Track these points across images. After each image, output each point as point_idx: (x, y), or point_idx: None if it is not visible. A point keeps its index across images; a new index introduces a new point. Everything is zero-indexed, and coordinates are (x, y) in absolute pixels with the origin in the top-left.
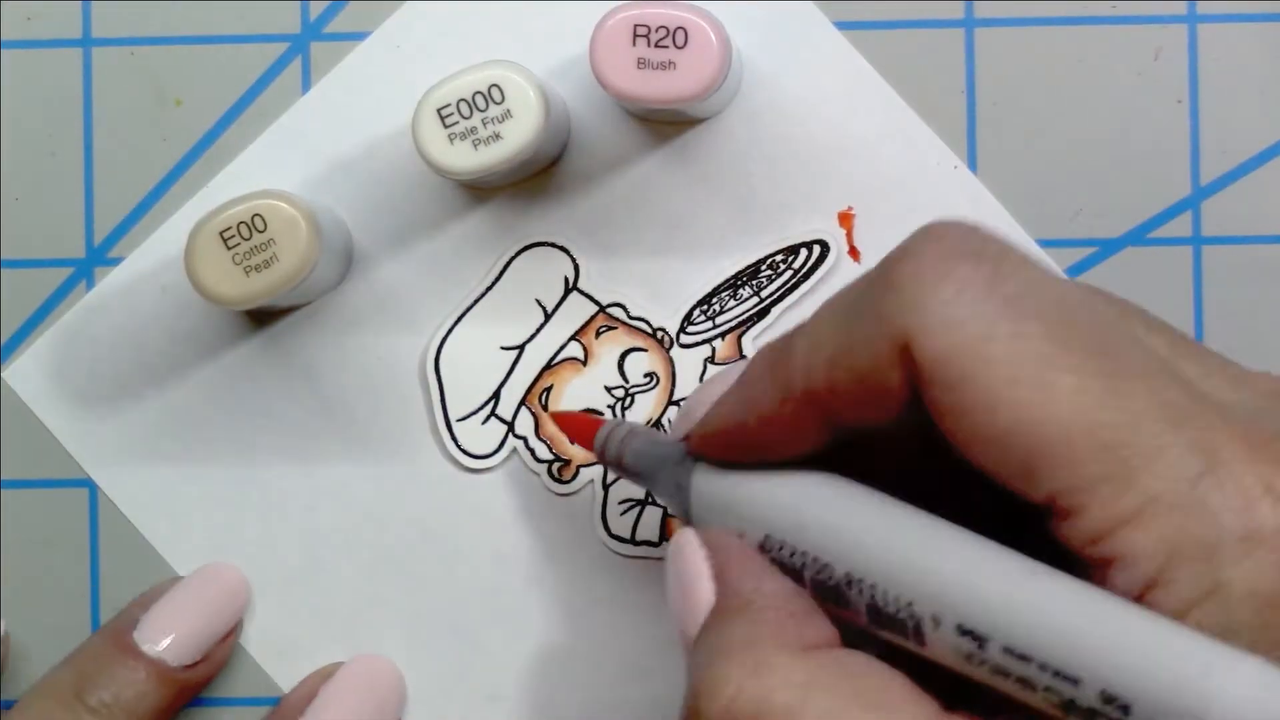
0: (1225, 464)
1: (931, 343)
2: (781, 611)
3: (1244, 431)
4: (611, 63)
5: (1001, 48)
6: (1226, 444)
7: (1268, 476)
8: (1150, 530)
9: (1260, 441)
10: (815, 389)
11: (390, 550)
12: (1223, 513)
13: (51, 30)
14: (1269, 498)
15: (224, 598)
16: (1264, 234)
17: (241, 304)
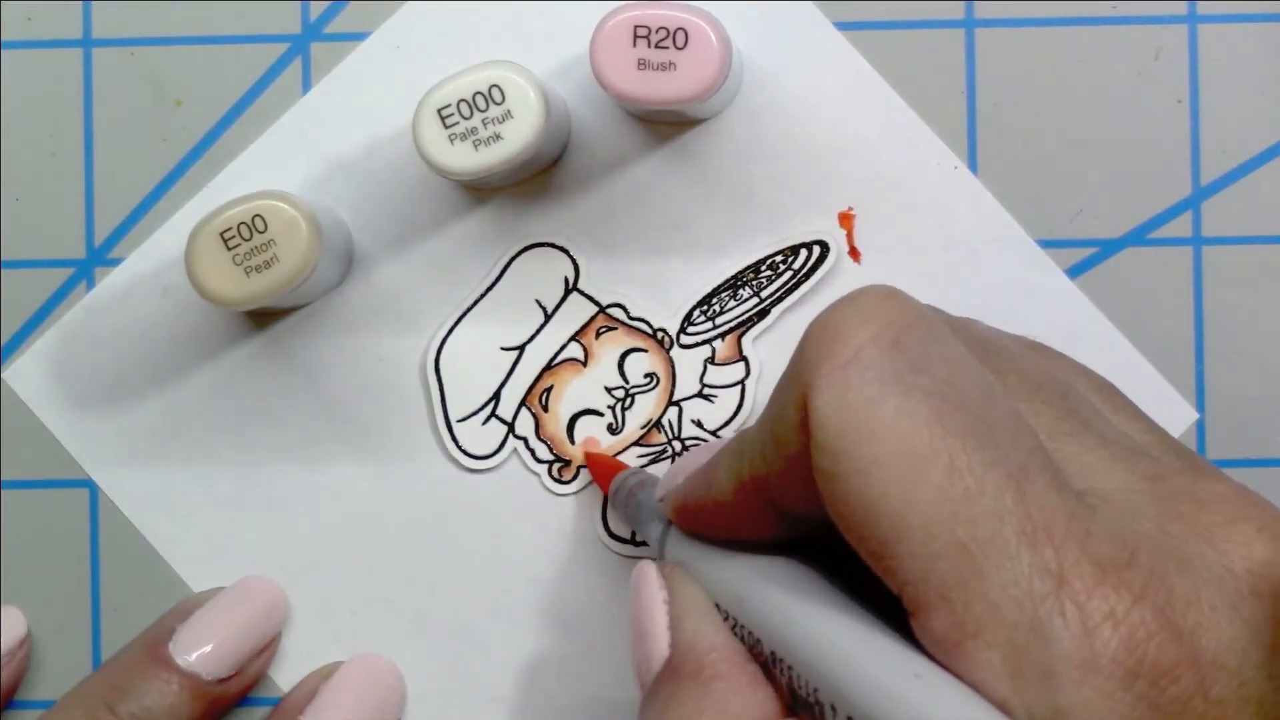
0: (1071, 588)
1: (821, 402)
2: (729, 682)
3: (1097, 550)
4: (611, 63)
5: (1001, 48)
6: (1075, 567)
7: (1112, 602)
8: (994, 649)
9: (1111, 562)
10: (757, 472)
11: (390, 550)
12: (1063, 638)
13: (51, 30)
14: (1109, 624)
15: (262, 612)
16: (1264, 234)
17: (242, 305)
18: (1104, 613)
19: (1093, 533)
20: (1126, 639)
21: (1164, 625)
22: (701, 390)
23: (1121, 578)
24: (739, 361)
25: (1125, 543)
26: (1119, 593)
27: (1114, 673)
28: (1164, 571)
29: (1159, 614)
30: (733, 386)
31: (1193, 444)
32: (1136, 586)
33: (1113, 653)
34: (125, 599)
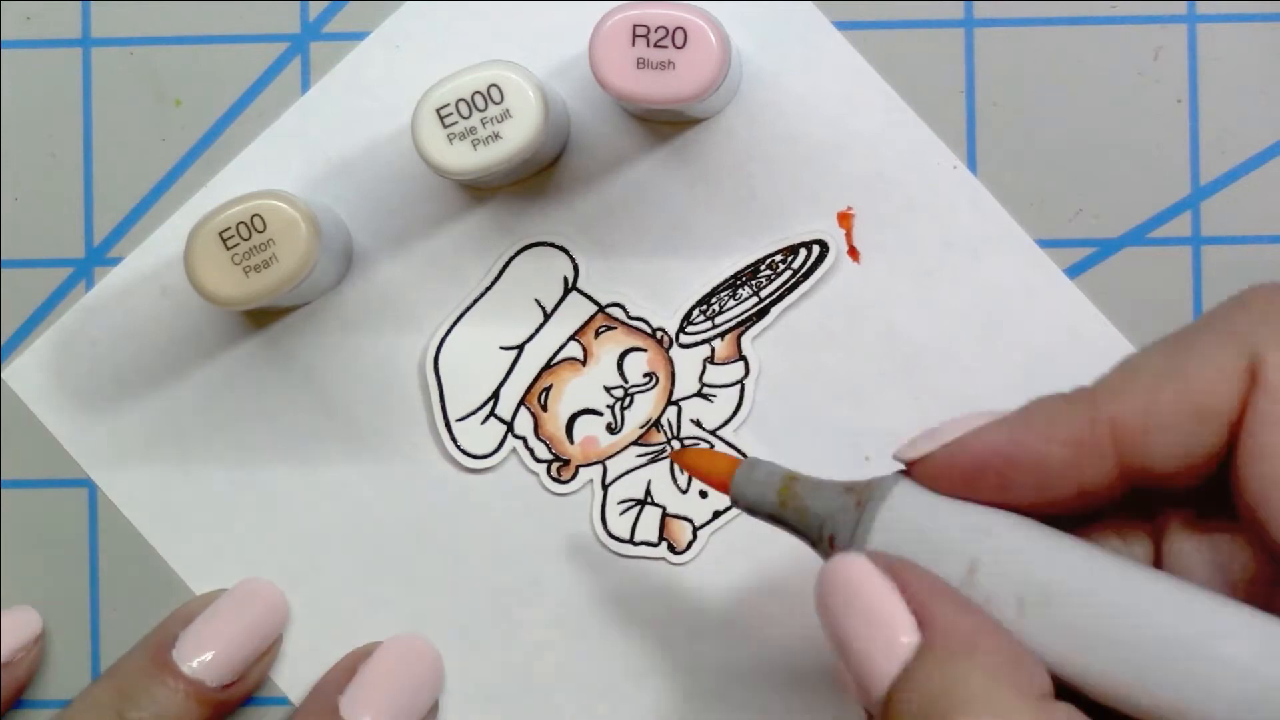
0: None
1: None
2: (1007, 655)
3: None
4: (611, 63)
5: (1001, 48)
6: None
7: None
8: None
9: None
10: (1126, 418)
11: (389, 550)
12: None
13: (51, 30)
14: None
15: (263, 616)
16: (1264, 234)
17: (241, 304)
18: None
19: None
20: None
21: None
22: (701, 390)
23: None
24: (738, 361)
25: None
26: None
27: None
28: None
29: None
30: (732, 386)
31: None
32: None
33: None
34: (125, 599)
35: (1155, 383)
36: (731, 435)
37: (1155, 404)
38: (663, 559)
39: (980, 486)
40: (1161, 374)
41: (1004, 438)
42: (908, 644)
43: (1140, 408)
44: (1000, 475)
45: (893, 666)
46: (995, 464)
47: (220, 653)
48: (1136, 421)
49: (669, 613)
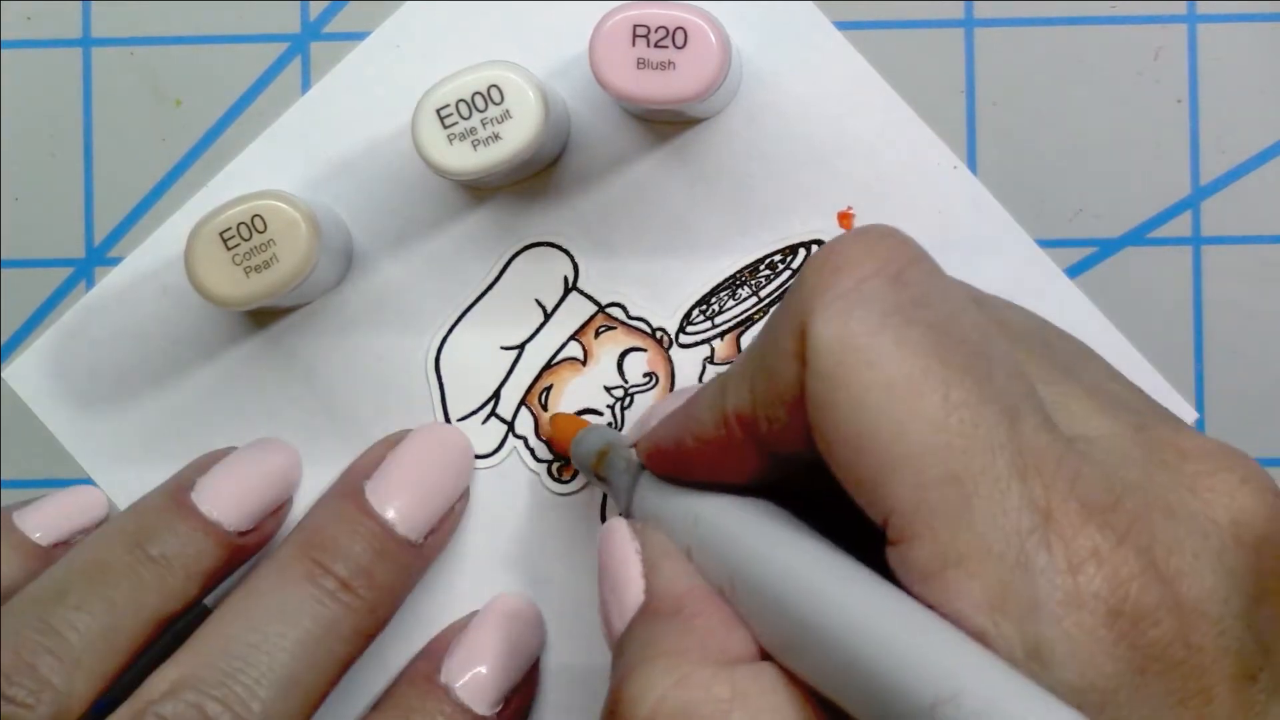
0: (1058, 525)
1: (821, 328)
2: (709, 619)
3: (1084, 491)
4: (611, 63)
5: (1001, 48)
6: (1062, 505)
7: (1096, 541)
8: (976, 578)
9: (1097, 504)
10: (742, 409)
11: None
12: (1048, 573)
13: (51, 30)
14: (1093, 561)
15: (278, 469)
16: (1264, 234)
17: (241, 305)
18: (1089, 550)
19: (1081, 474)
20: (1110, 577)
21: (1147, 568)
22: None
23: (1107, 519)
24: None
25: (1111, 487)
26: (1104, 532)
27: (1096, 609)
28: (1149, 517)
29: (1142, 556)
30: None
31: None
32: (1121, 528)
33: (1096, 589)
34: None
35: (750, 372)
36: None
37: (754, 394)
38: None
39: (674, 471)
40: (753, 362)
41: (670, 435)
42: (633, 604)
43: (747, 400)
44: (678, 465)
45: (621, 623)
46: (671, 456)
47: (237, 496)
48: (747, 413)
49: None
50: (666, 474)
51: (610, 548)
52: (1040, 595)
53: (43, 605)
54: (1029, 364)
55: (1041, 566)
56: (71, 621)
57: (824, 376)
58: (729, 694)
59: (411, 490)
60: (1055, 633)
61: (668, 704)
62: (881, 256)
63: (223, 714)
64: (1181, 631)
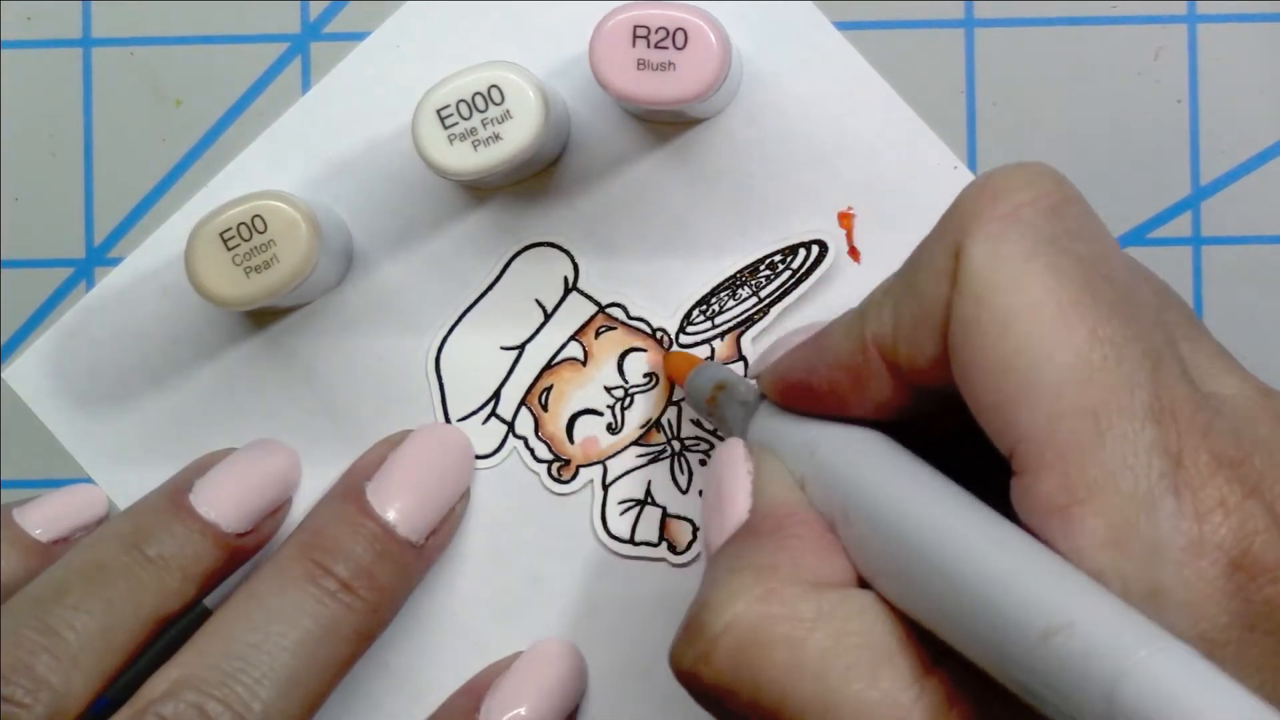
0: (1186, 472)
1: (976, 249)
2: (806, 542)
3: (1215, 444)
4: (611, 63)
5: (1001, 48)
6: (1193, 453)
7: (1224, 492)
8: (1101, 516)
9: (1227, 458)
10: (882, 334)
11: None
12: (1174, 517)
13: (51, 30)
14: (1220, 511)
15: (277, 471)
16: (1264, 234)
17: (242, 305)
18: (1216, 500)
19: (1214, 426)
20: (1236, 529)
21: (1271, 524)
22: None
23: (1236, 472)
24: (738, 361)
25: (1241, 443)
26: (1231, 485)
27: (1218, 559)
28: (1275, 476)
29: (1269, 512)
30: None
31: None
32: (1250, 483)
33: (1220, 540)
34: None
35: (895, 296)
36: None
37: (897, 317)
38: (663, 559)
39: (800, 402)
40: (899, 285)
41: (800, 364)
42: (735, 520)
43: (889, 324)
44: (806, 396)
45: (722, 536)
46: (799, 387)
47: (236, 498)
48: (888, 337)
49: (669, 613)
50: (793, 406)
51: (722, 464)
52: (1163, 539)
53: (41, 605)
54: (1169, 315)
55: (1168, 511)
56: (69, 621)
57: (974, 297)
58: (814, 613)
59: (412, 491)
60: (1175, 579)
61: (749, 615)
62: (1040, 188)
63: (223, 714)
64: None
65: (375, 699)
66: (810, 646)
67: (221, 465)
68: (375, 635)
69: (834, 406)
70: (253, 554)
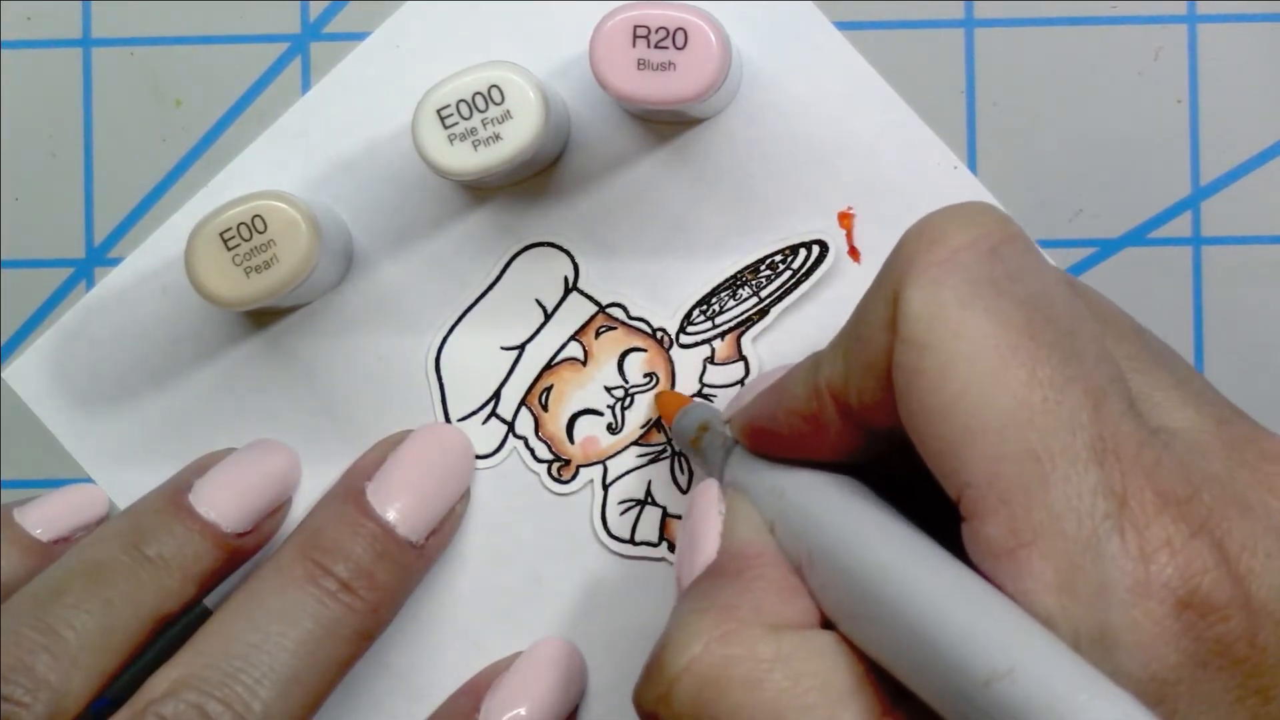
0: (1132, 512)
1: (913, 295)
2: (770, 584)
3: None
4: (611, 63)
5: (1001, 48)
6: (1139, 492)
7: (1170, 532)
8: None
9: (1174, 495)
10: (835, 381)
11: None
12: (1119, 558)
13: (51, 30)
14: (1165, 551)
15: (277, 471)
16: (1264, 234)
17: (242, 305)
18: (1162, 540)
19: (1161, 463)
20: (1182, 569)
21: (1219, 563)
22: (701, 390)
23: (1183, 510)
24: (738, 361)
25: (1190, 479)
26: (1178, 524)
27: (1165, 599)
28: (1224, 513)
29: (1215, 551)
30: (732, 386)
31: None
32: (1196, 521)
33: (1166, 579)
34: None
35: (844, 344)
36: None
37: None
38: (663, 559)
39: (766, 447)
40: (848, 333)
41: (763, 411)
42: (704, 561)
43: (840, 372)
44: (770, 441)
45: (691, 575)
46: (764, 432)
47: (235, 498)
48: (840, 385)
49: (669, 613)
50: (760, 450)
51: (696, 505)
52: (1110, 581)
53: (40, 604)
54: (1119, 349)
55: (1113, 552)
56: (69, 620)
57: (913, 344)
58: (773, 655)
59: (412, 491)
60: (1122, 620)
61: (707, 656)
62: (977, 230)
63: (224, 713)
64: (1248, 629)
65: (375, 699)
66: (768, 687)
67: (221, 465)
68: (375, 635)
69: (797, 451)
70: (253, 554)
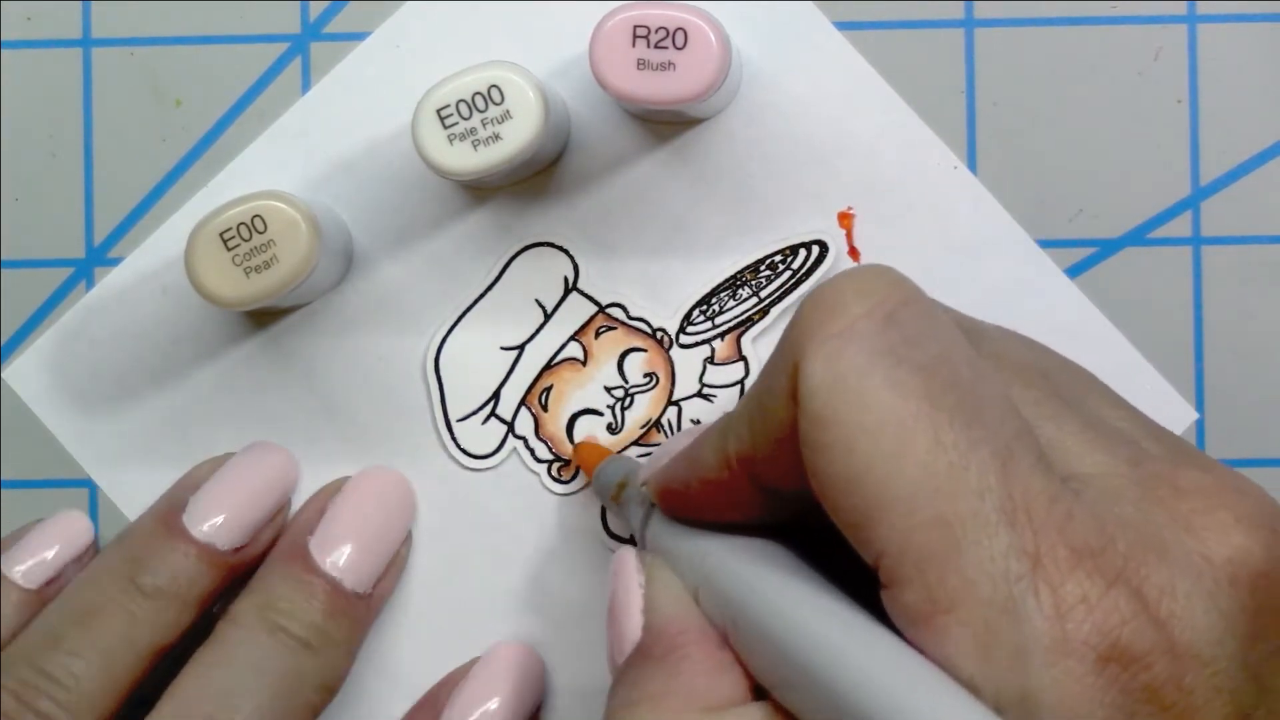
0: (1046, 571)
1: (812, 369)
2: (698, 663)
3: (1074, 536)
4: (611, 63)
5: (1001, 48)
6: (1051, 550)
7: (1086, 587)
8: (965, 625)
9: (1088, 548)
10: (742, 450)
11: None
12: (1035, 619)
13: (51, 30)
14: (1082, 607)
15: (272, 478)
16: (1264, 234)
17: (241, 305)
18: (1078, 596)
19: (1073, 516)
20: (1100, 623)
21: (1139, 611)
22: (701, 390)
23: (1097, 563)
24: (738, 361)
25: (1104, 528)
26: (1093, 578)
27: (1085, 656)
28: (1141, 558)
29: (1134, 600)
30: (732, 386)
31: (1192, 443)
32: (1112, 572)
33: (1085, 636)
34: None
35: (749, 414)
36: None
37: (753, 435)
38: None
39: (683, 511)
40: (752, 404)
41: (676, 477)
42: (630, 638)
43: (747, 442)
44: (685, 506)
45: (620, 657)
46: (678, 496)
47: (230, 515)
48: (748, 455)
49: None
50: (677, 514)
51: (617, 578)
52: (1028, 642)
53: (39, 653)
54: (1025, 399)
55: (1029, 613)
56: (68, 668)
57: (814, 418)
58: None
59: (355, 542)
60: (1043, 680)
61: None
62: (874, 297)
63: None
64: (1174, 675)
65: (375, 699)
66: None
67: (214, 480)
68: (337, 688)
69: (713, 514)
70: (250, 565)
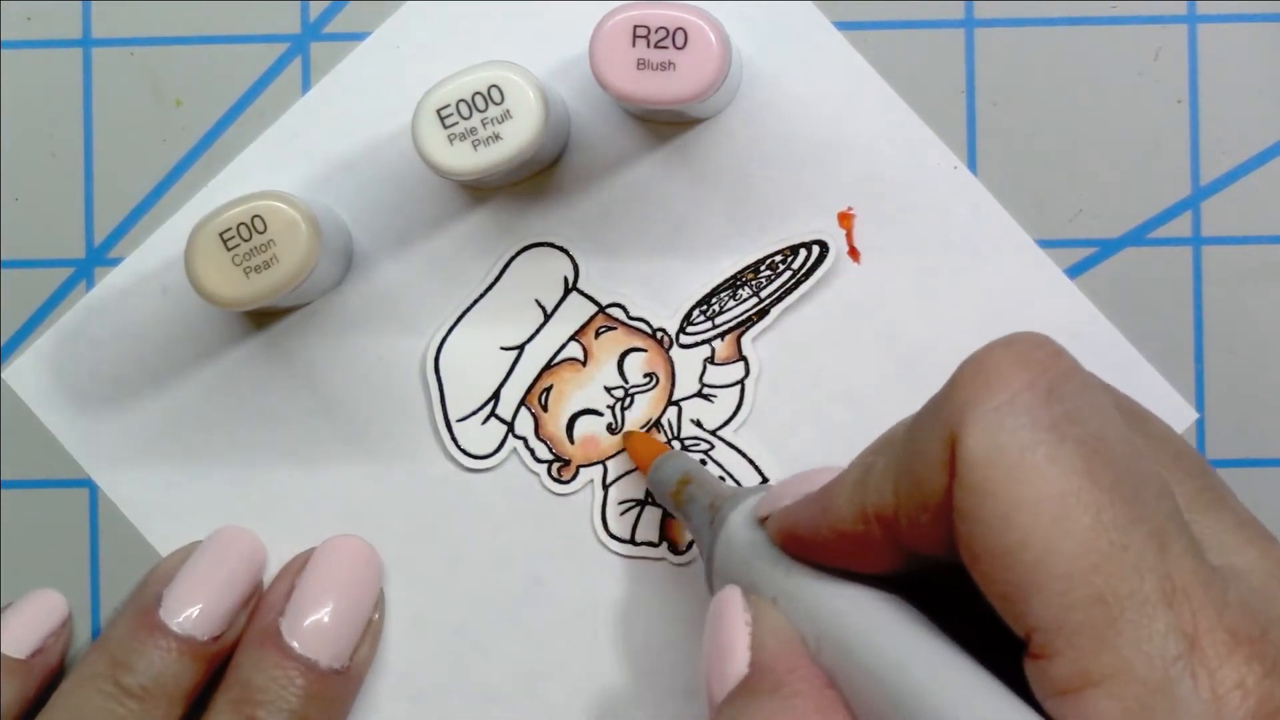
0: (1203, 654)
1: (973, 441)
2: (808, 700)
3: (1231, 621)
4: (611, 63)
5: (1001, 48)
6: (1209, 633)
7: (1243, 672)
8: (1117, 700)
9: (1245, 635)
10: (884, 509)
11: (391, 550)
12: (1191, 701)
13: (51, 30)
14: (1238, 693)
15: (243, 564)
16: (1264, 234)
17: (241, 305)
18: (1235, 681)
19: (1229, 603)
20: (1255, 709)
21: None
22: (701, 390)
23: (1254, 649)
24: (738, 361)
25: (1257, 619)
26: (1250, 664)
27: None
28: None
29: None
30: (732, 386)
31: (1193, 444)
32: (1269, 659)
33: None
34: (125, 599)
35: (894, 475)
36: (732, 436)
37: (898, 497)
38: (663, 559)
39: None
40: (899, 466)
41: (805, 522)
42: (735, 675)
43: (890, 502)
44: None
45: (722, 692)
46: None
47: (206, 605)
48: (890, 514)
49: (670, 613)
50: (796, 554)
51: (720, 614)
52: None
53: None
54: (1183, 486)
55: (1184, 694)
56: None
57: (974, 490)
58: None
59: (328, 617)
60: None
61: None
62: (1034, 369)
63: None
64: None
65: (375, 699)
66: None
67: (186, 570)
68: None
69: (838, 561)
70: (230, 651)
